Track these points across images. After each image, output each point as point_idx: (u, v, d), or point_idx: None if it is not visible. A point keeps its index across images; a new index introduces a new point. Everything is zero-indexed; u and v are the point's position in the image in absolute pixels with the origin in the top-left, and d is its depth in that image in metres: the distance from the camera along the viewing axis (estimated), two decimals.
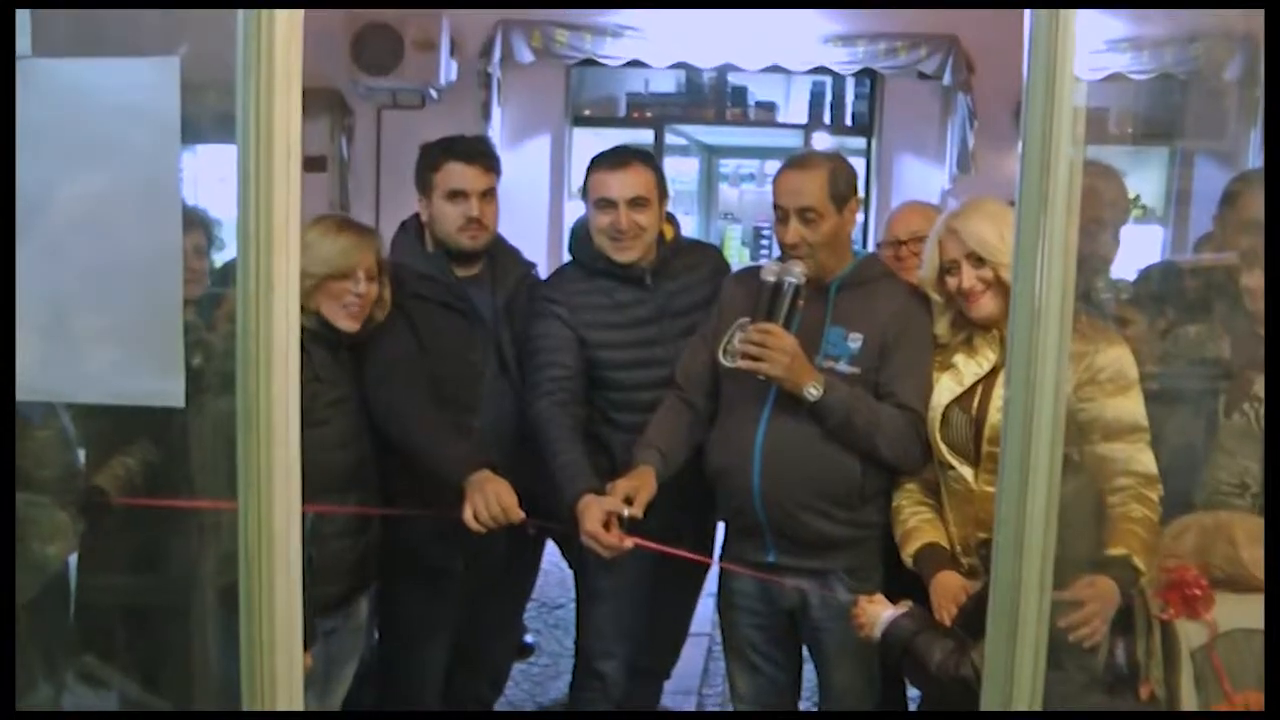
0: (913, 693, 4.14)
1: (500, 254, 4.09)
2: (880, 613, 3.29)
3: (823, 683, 3.86)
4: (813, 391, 3.45)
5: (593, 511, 3.49)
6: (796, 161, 3.68)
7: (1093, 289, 3.54)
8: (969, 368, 3.41)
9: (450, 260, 3.95)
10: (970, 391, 3.40)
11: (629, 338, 3.92)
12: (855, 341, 3.57)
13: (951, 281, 3.38)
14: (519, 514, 3.51)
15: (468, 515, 3.49)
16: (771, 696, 3.91)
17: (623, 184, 3.83)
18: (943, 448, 3.43)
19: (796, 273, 3.53)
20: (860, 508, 3.60)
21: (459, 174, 3.87)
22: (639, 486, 3.54)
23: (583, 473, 3.66)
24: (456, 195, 3.87)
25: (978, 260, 3.31)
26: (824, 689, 3.87)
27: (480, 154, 3.95)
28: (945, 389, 3.44)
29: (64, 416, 3.18)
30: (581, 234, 4.03)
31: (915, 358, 3.55)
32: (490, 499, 3.49)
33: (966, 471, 3.38)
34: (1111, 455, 3.15)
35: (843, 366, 3.55)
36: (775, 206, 3.63)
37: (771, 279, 3.54)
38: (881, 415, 3.51)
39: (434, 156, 3.93)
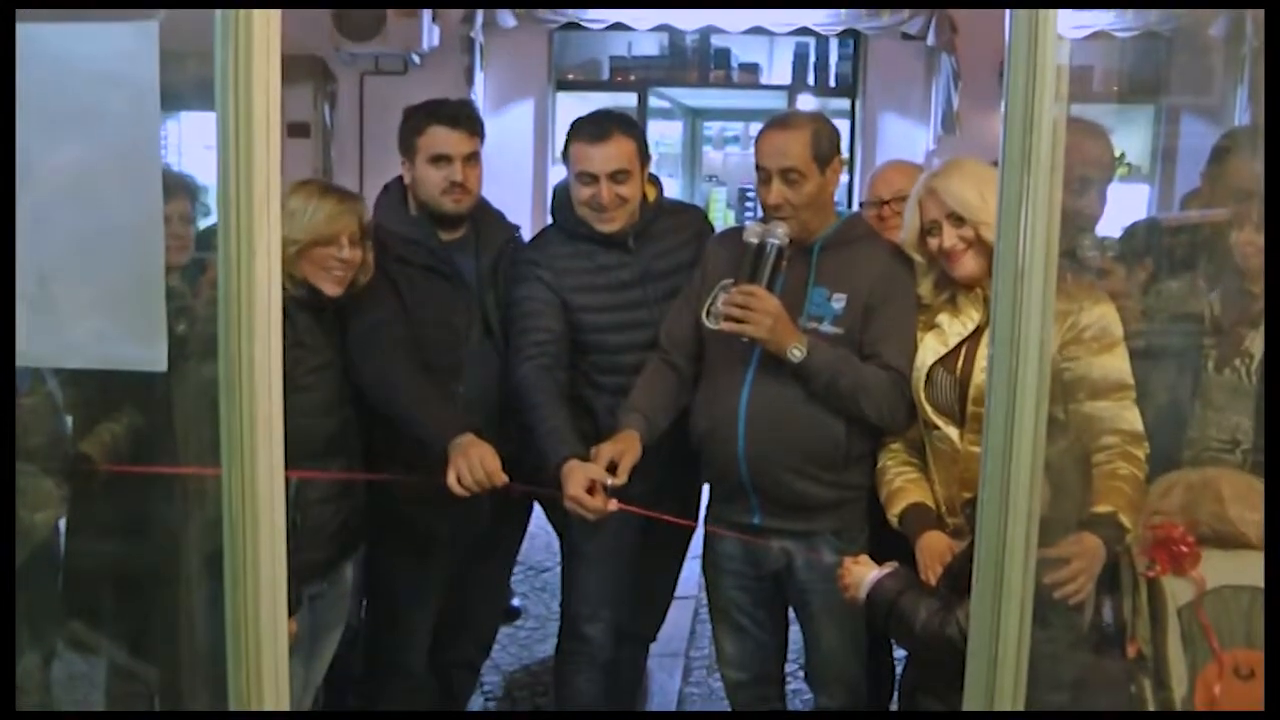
0: (899, 652, 4.15)
1: (484, 218, 4.07)
2: (865, 574, 3.30)
3: (809, 644, 3.87)
4: (796, 353, 3.43)
5: (576, 476, 3.47)
6: (779, 121, 3.65)
7: (1079, 247, 3.53)
8: (953, 328, 3.41)
9: (434, 224, 3.92)
10: (955, 351, 3.39)
11: (612, 301, 3.89)
12: (839, 302, 3.55)
13: (933, 242, 3.37)
14: (502, 478, 3.48)
15: (451, 480, 3.47)
16: (757, 658, 3.92)
17: (605, 157, 3.78)
18: (928, 408, 3.42)
19: (780, 234, 3.51)
20: (845, 470, 3.60)
21: (443, 138, 3.84)
22: (623, 451, 3.52)
23: (566, 437, 3.64)
24: (440, 159, 3.84)
25: (958, 220, 3.30)
26: (810, 651, 3.89)
27: (464, 118, 3.91)
28: (929, 349, 3.44)
29: (51, 383, 3.18)
30: (563, 197, 3.99)
31: (899, 318, 3.54)
32: (474, 463, 3.47)
33: (952, 432, 3.38)
34: (1097, 413, 3.15)
35: (826, 327, 3.54)
36: (757, 167, 3.61)
37: (755, 240, 3.52)
38: (866, 376, 3.49)
39: (418, 120, 3.89)
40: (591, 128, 3.84)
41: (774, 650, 3.96)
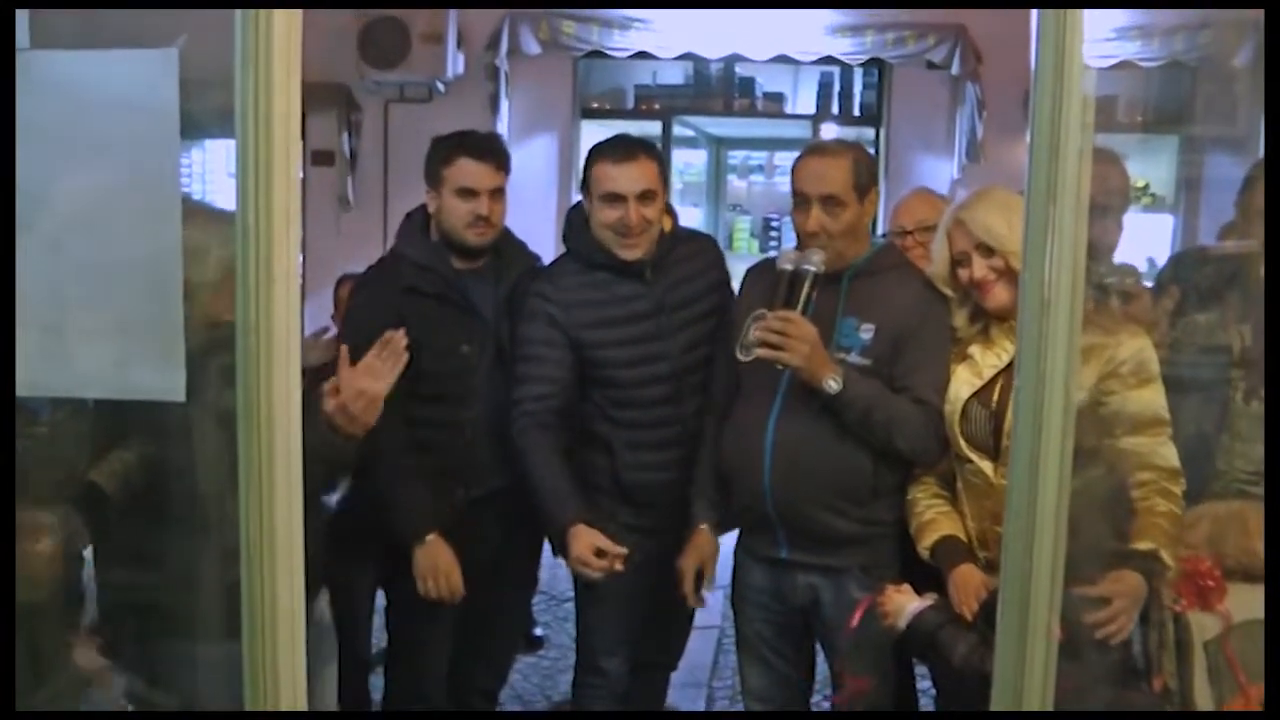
0: (924, 684, 4.12)
1: (507, 248, 4.07)
2: (906, 603, 3.27)
3: (835, 682, 3.79)
4: (833, 384, 3.39)
5: (583, 540, 3.56)
6: (819, 148, 3.65)
7: (1094, 275, 3.50)
8: (986, 360, 3.38)
9: (453, 253, 3.93)
10: (989, 384, 3.35)
11: (628, 334, 3.85)
12: (867, 332, 3.51)
13: (963, 273, 3.35)
14: (460, 592, 3.79)
15: (419, 587, 3.75)
16: (782, 692, 3.88)
17: (631, 178, 3.74)
18: (961, 442, 3.38)
19: (815, 261, 3.47)
20: (872, 504, 3.56)
21: (470, 171, 3.85)
22: (704, 558, 3.79)
23: (569, 499, 3.70)
24: (466, 193, 3.84)
25: (987, 250, 3.27)
26: (837, 688, 3.79)
27: (492, 151, 3.92)
28: (963, 382, 3.40)
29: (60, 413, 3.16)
30: (577, 224, 3.95)
31: (931, 350, 3.50)
32: (440, 577, 3.74)
33: (986, 465, 3.34)
34: (1134, 449, 3.13)
35: (854, 358, 3.50)
36: (795, 193, 3.58)
37: (789, 267, 3.49)
38: (899, 410, 3.46)
39: (446, 150, 3.90)
40: (616, 148, 3.82)
41: (798, 685, 3.93)
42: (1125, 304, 3.45)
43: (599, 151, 3.85)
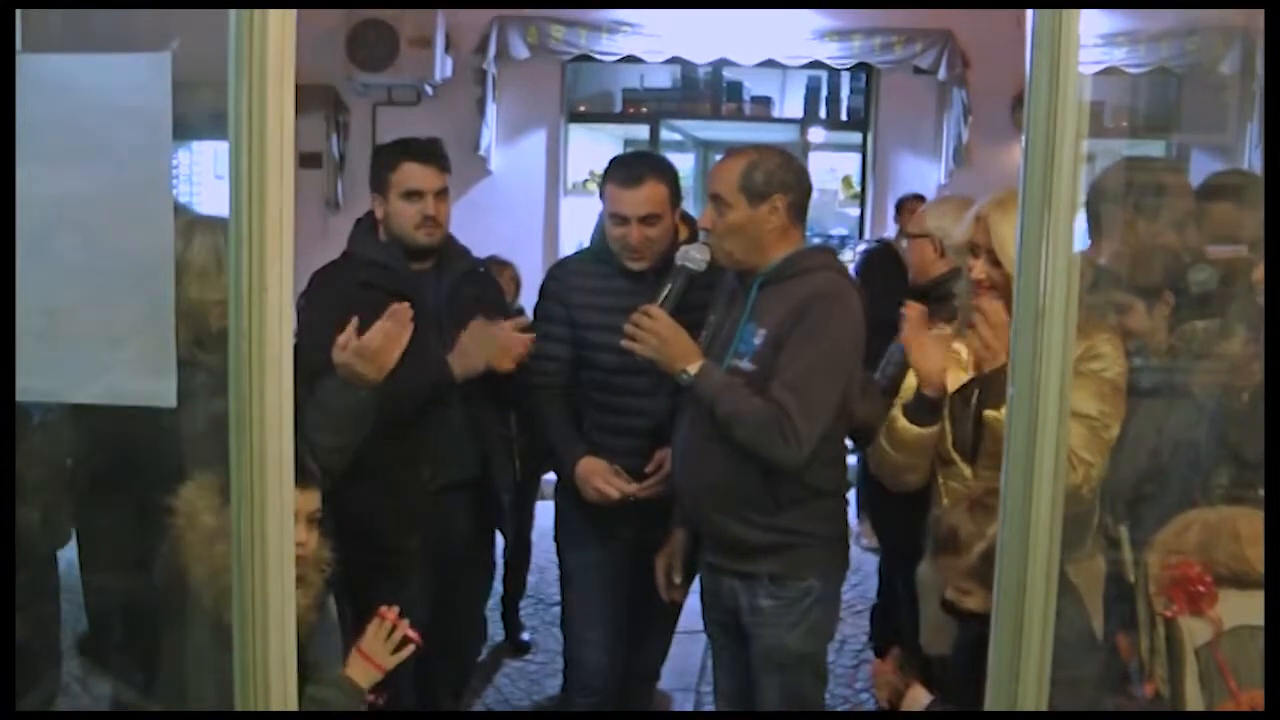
0: None
1: (449, 248, 4.17)
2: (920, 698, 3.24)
3: (752, 690, 3.74)
4: (684, 376, 3.46)
5: (597, 467, 3.91)
6: (731, 149, 3.69)
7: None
8: (971, 359, 3.38)
9: (405, 256, 4.04)
10: (970, 385, 3.35)
11: (615, 322, 3.82)
12: (759, 337, 3.48)
13: (971, 262, 3.35)
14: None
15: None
16: (741, 692, 3.83)
17: (635, 202, 3.88)
18: (947, 442, 3.39)
19: (694, 257, 3.61)
20: (779, 513, 3.52)
21: (416, 174, 3.97)
22: (671, 555, 3.92)
23: (576, 441, 4.03)
24: (413, 194, 3.96)
25: (994, 260, 3.27)
26: (754, 700, 3.75)
27: (435, 155, 4.06)
28: (951, 380, 3.39)
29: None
30: (600, 222, 4.13)
31: (800, 350, 3.42)
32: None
33: (965, 469, 3.35)
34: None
35: (745, 364, 3.48)
36: None
37: (678, 261, 3.64)
38: (742, 406, 3.41)
39: (390, 157, 4.04)
40: (625, 171, 3.96)
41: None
42: (1121, 315, 3.44)
43: (611, 170, 4.03)
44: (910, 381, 3.46)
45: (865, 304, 3.55)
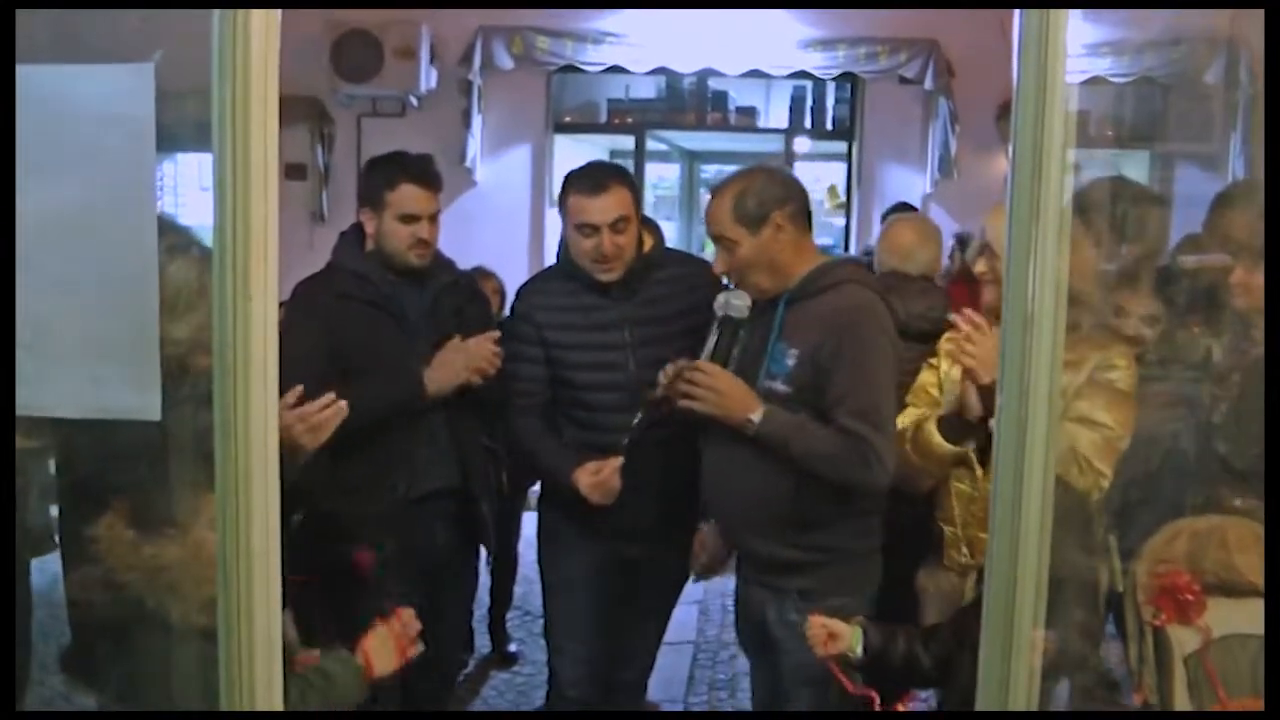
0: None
1: (432, 260, 4.15)
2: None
3: (786, 706, 3.72)
4: (751, 421, 3.39)
5: (588, 468, 3.80)
6: (713, 187, 3.65)
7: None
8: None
9: (386, 268, 4.02)
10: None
11: (586, 340, 3.93)
12: (791, 358, 3.44)
13: (980, 259, 3.36)
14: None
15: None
16: (775, 709, 3.83)
17: (604, 209, 3.81)
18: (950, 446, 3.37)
19: (735, 305, 3.54)
20: (809, 531, 3.51)
21: (414, 197, 3.97)
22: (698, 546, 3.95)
23: (564, 455, 3.93)
24: (409, 218, 3.96)
25: (994, 252, 3.28)
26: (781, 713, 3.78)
27: (431, 175, 4.05)
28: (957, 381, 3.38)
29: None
30: (564, 238, 4.07)
31: (856, 370, 3.38)
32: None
33: (976, 470, 3.36)
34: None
35: (779, 385, 3.45)
36: None
37: (720, 311, 3.56)
38: (818, 444, 3.39)
39: (388, 175, 4.00)
40: (588, 180, 3.88)
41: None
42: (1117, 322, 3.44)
43: (571, 182, 3.92)
44: (923, 381, 3.47)
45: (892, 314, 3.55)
